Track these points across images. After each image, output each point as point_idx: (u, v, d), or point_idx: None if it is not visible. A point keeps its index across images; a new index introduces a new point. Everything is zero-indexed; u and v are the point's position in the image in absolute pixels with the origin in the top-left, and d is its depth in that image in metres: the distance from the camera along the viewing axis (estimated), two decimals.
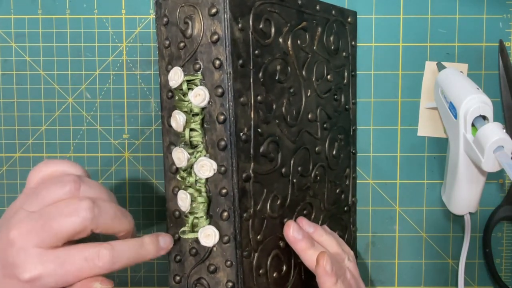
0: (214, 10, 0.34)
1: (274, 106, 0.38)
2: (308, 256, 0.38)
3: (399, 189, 0.50)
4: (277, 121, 0.38)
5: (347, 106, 0.47)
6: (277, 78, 0.38)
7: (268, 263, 0.37)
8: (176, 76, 0.35)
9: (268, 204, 0.37)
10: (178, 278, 0.37)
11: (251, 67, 0.35)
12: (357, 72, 0.49)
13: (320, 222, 0.44)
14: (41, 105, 0.49)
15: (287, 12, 0.39)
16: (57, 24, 0.49)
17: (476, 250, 0.50)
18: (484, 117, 0.42)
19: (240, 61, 0.34)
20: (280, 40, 0.38)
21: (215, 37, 0.34)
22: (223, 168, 0.34)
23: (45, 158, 0.49)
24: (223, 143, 0.34)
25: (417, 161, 0.49)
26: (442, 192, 0.49)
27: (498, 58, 0.48)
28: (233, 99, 0.34)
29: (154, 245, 0.35)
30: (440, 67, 0.47)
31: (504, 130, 0.40)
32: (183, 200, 0.36)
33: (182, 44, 0.35)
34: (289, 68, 0.39)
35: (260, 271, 0.37)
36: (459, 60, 0.49)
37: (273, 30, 0.37)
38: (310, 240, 0.39)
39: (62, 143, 0.49)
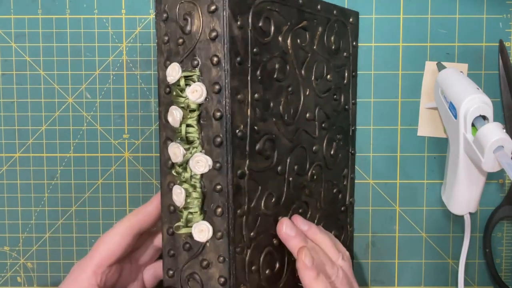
0: (213, 7, 0.34)
1: (271, 104, 0.38)
2: (299, 253, 0.38)
3: (399, 189, 0.50)
4: (274, 119, 0.38)
5: (346, 106, 0.47)
6: (275, 76, 0.38)
7: (261, 260, 0.37)
8: (174, 72, 0.35)
9: (263, 202, 0.37)
10: (171, 272, 0.37)
11: (249, 65, 0.35)
12: (357, 72, 0.49)
13: (316, 221, 0.44)
14: (41, 105, 0.49)
15: (288, 11, 0.39)
16: (57, 24, 0.49)
17: (476, 250, 0.50)
18: (484, 117, 0.42)
19: (238, 59, 0.34)
20: (280, 38, 0.38)
21: (214, 34, 0.34)
22: (218, 165, 0.35)
23: (45, 158, 0.49)
24: (218, 139, 0.34)
25: (417, 161, 0.49)
26: (442, 192, 0.49)
27: (498, 58, 0.48)
28: (230, 96, 0.34)
29: None
30: (440, 67, 0.47)
31: (504, 130, 0.40)
32: (178, 195, 0.36)
33: (180, 40, 0.35)
34: (288, 67, 0.39)
35: (253, 268, 0.37)
36: (459, 60, 0.49)
37: (272, 28, 0.37)
38: (303, 238, 0.39)
39: (62, 143, 0.49)
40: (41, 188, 0.49)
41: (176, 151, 0.36)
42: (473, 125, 0.42)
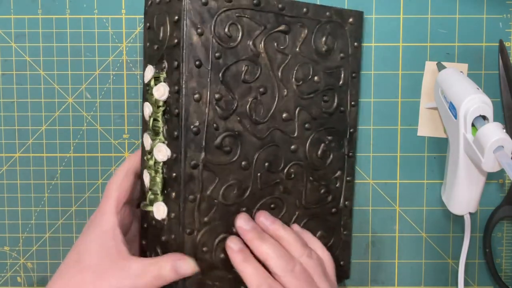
0: (176, 18, 0.38)
1: (235, 104, 0.41)
2: (254, 247, 0.40)
3: (399, 189, 0.50)
4: (238, 118, 0.41)
5: (342, 108, 0.47)
6: (242, 78, 0.41)
7: (215, 243, 0.41)
8: (147, 73, 0.41)
9: (221, 192, 0.41)
10: (143, 242, 0.43)
11: (209, 68, 0.39)
12: (359, 73, 0.48)
13: (294, 218, 0.45)
14: (41, 105, 0.49)
15: (262, 17, 0.42)
16: (57, 24, 0.49)
17: (476, 250, 0.50)
18: (484, 117, 0.42)
19: (197, 63, 0.39)
20: (250, 43, 0.41)
21: (175, 41, 0.39)
22: (174, 155, 0.39)
23: (45, 158, 0.49)
24: (175, 133, 0.39)
25: (417, 161, 0.49)
26: (442, 192, 0.49)
27: (498, 58, 0.48)
28: (185, 96, 0.38)
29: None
30: (440, 67, 0.47)
31: (504, 130, 0.40)
32: (146, 177, 0.42)
33: (155, 46, 0.41)
34: (259, 69, 0.42)
35: (204, 249, 0.40)
36: (459, 60, 0.49)
37: (240, 34, 0.41)
38: (258, 232, 0.41)
39: (62, 143, 0.49)
40: (41, 188, 0.50)
41: (146, 141, 0.42)
42: (473, 125, 0.42)
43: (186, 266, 0.39)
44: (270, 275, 0.39)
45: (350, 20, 0.46)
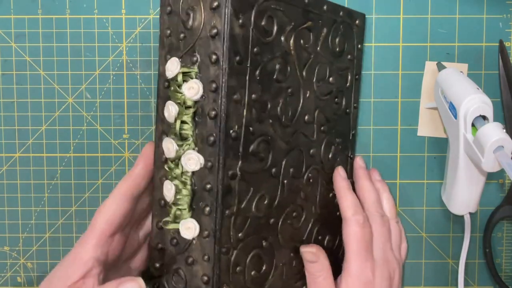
0: (215, 4, 0.33)
1: (269, 105, 0.37)
2: (362, 182, 0.45)
3: (399, 189, 0.50)
4: (270, 120, 0.37)
5: (347, 110, 0.46)
6: (275, 77, 0.37)
7: (247, 261, 0.37)
8: (173, 67, 0.35)
9: (254, 204, 0.37)
10: (157, 265, 0.38)
11: (248, 65, 0.35)
12: (361, 75, 0.48)
13: (310, 225, 0.43)
14: (41, 105, 0.49)
15: (292, 11, 0.38)
16: (57, 24, 0.49)
17: (476, 250, 0.50)
18: (484, 117, 0.42)
19: (238, 58, 0.34)
20: (282, 38, 0.37)
21: (214, 31, 0.33)
22: (209, 164, 0.34)
23: (45, 158, 0.49)
24: (212, 138, 0.34)
25: (417, 161, 0.49)
26: (442, 192, 0.49)
27: (498, 58, 0.48)
28: (226, 96, 0.33)
29: None
30: (440, 67, 0.47)
31: (504, 130, 0.40)
32: (169, 190, 0.36)
33: (182, 35, 0.35)
34: (289, 68, 0.38)
35: (237, 269, 0.36)
36: (459, 60, 0.49)
37: (275, 28, 0.36)
38: (369, 177, 0.46)
39: (62, 143, 0.49)
40: (41, 188, 0.50)
41: (169, 146, 0.36)
42: (473, 125, 0.42)
43: (131, 285, 0.34)
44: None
45: (357, 22, 0.46)
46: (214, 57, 0.33)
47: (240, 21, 0.34)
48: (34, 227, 0.50)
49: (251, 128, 0.35)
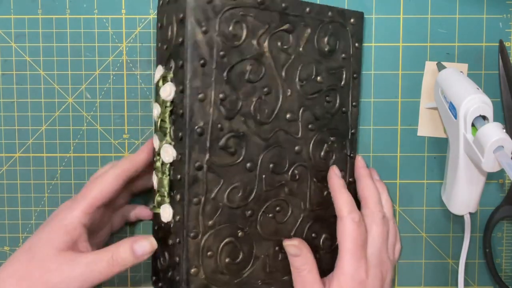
0: (181, 16, 0.38)
1: (240, 104, 0.40)
2: (364, 180, 0.45)
3: (399, 189, 0.50)
4: (243, 118, 0.41)
5: (344, 109, 0.46)
6: (246, 77, 0.40)
7: (220, 247, 0.40)
8: (158, 73, 0.41)
9: (226, 194, 0.40)
10: (154, 242, 0.41)
11: (213, 67, 0.39)
12: (360, 74, 0.48)
13: (300, 221, 0.44)
14: (41, 105, 0.49)
15: (266, 15, 0.41)
16: (57, 24, 0.49)
17: (476, 250, 0.50)
18: (484, 117, 0.42)
19: (202, 62, 0.38)
20: (254, 42, 0.40)
21: (180, 39, 0.38)
22: (179, 156, 0.39)
23: (45, 158, 0.49)
24: (180, 134, 0.39)
25: (417, 161, 0.49)
26: (442, 192, 0.49)
27: (498, 58, 0.48)
28: (189, 96, 0.38)
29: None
30: (440, 67, 0.47)
31: (504, 130, 0.40)
32: (154, 179, 0.42)
33: (165, 46, 0.41)
34: (263, 69, 0.41)
35: (209, 253, 0.40)
36: (459, 60, 0.49)
37: (245, 32, 0.40)
38: (370, 176, 0.46)
39: (62, 143, 0.49)
40: (41, 188, 0.50)
41: (155, 141, 0.41)
42: (473, 125, 0.42)
43: (144, 243, 0.39)
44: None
45: (352, 20, 0.46)
46: (181, 62, 0.38)
47: (203, 28, 0.38)
48: (34, 227, 0.50)
49: (219, 125, 0.39)
